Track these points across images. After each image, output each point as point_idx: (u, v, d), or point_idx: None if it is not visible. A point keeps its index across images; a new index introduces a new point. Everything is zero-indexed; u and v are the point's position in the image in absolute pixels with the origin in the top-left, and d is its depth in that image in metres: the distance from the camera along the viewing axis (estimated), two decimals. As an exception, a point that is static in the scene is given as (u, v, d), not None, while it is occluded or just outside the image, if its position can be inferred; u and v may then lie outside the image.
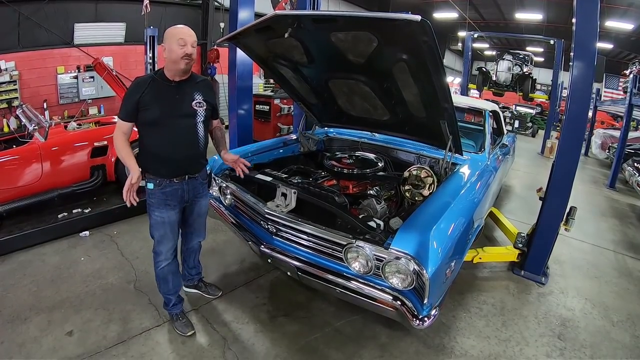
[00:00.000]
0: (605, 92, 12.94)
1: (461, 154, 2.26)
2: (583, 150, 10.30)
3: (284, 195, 1.92)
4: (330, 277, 1.70)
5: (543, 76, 15.79)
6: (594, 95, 8.24)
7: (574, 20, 2.57)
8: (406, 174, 2.27)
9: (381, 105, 2.25)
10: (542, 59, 15.92)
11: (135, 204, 1.79)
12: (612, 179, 6.53)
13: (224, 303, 2.39)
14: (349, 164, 2.43)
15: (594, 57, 2.52)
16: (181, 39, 1.71)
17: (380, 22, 1.51)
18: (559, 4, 10.85)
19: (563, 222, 2.94)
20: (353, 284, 1.63)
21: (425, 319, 1.49)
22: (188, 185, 1.94)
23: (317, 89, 2.53)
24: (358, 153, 2.71)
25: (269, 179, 2.10)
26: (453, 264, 1.67)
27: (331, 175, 2.43)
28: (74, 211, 3.42)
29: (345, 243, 1.63)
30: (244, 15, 3.61)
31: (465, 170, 2.31)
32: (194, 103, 1.85)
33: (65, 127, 4.10)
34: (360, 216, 1.85)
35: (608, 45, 12.55)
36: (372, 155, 2.64)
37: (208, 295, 2.42)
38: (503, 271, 3.10)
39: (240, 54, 3.63)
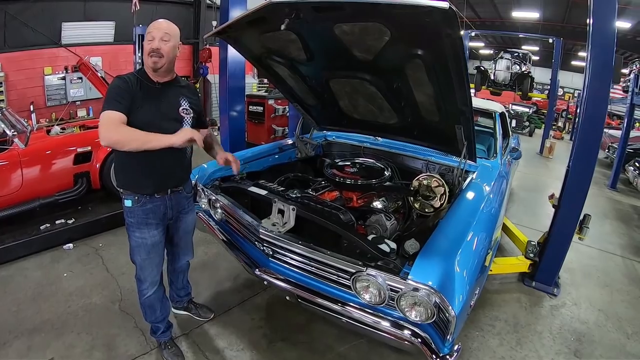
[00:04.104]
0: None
1: (475, 161, 2.07)
2: (581, 150, 10.24)
3: (281, 212, 1.72)
4: (336, 307, 1.49)
5: (537, 75, 15.74)
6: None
7: (589, 20, 2.43)
8: (415, 183, 2.09)
9: (388, 108, 2.05)
10: (537, 58, 15.88)
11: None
12: (614, 179, 6.45)
13: (217, 326, 2.20)
14: (352, 173, 2.22)
15: (612, 56, 2.38)
16: (149, 33, 1.56)
17: (397, 11, 1.29)
18: (556, 2, 10.76)
19: (577, 230, 2.81)
20: (363, 316, 1.43)
21: (448, 357, 1.30)
22: (171, 201, 1.74)
23: (316, 89, 2.32)
24: (361, 160, 2.50)
25: (263, 192, 1.88)
26: (477, 291, 1.49)
27: (333, 185, 2.24)
28: (57, 222, 3.22)
29: (354, 271, 1.43)
30: (236, 14, 3.41)
31: (480, 179, 2.13)
32: (180, 109, 1.67)
33: (48, 131, 3.88)
34: (370, 237, 1.63)
35: (604, 44, 12.49)
36: (377, 163, 2.43)
37: (199, 318, 2.22)
38: (513, 282, 2.97)
39: (231, 51, 3.44)
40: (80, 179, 3.55)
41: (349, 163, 2.34)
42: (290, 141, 2.94)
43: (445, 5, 1.11)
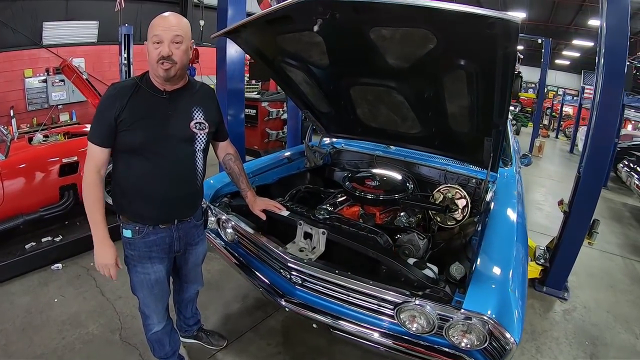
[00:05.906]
0: (587, 89, 13.24)
1: (497, 171, 1.99)
2: (568, 148, 10.49)
3: (308, 235, 1.57)
4: (377, 337, 1.36)
5: (523, 73, 16.05)
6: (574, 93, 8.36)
7: (599, 22, 2.41)
8: (437, 195, 1.99)
9: (413, 117, 1.91)
10: (521, 56, 16.17)
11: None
12: (605, 178, 6.57)
13: (231, 355, 2.04)
14: (374, 186, 2.08)
15: (624, 61, 2.35)
16: (155, 35, 1.26)
17: (457, 18, 1.12)
18: (541, 3, 10.98)
19: (586, 235, 2.82)
20: (409, 347, 1.31)
21: None
22: (178, 232, 1.50)
23: (332, 96, 2.15)
24: (379, 171, 2.36)
25: (285, 213, 1.72)
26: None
27: (352, 199, 2.11)
28: (43, 240, 2.98)
29: (400, 301, 1.30)
30: (236, 14, 3.23)
31: (503, 190, 2.05)
32: (192, 124, 1.40)
33: (30, 140, 3.61)
34: (412, 261, 1.52)
35: (589, 43, 12.83)
36: (398, 175, 2.30)
37: (211, 347, 2.04)
38: (524, 288, 2.96)
39: (230, 52, 3.24)
40: (67, 192, 3.28)
41: (369, 175, 2.21)
42: (288, 153, 2.77)
43: (518, 19, 1.00)
